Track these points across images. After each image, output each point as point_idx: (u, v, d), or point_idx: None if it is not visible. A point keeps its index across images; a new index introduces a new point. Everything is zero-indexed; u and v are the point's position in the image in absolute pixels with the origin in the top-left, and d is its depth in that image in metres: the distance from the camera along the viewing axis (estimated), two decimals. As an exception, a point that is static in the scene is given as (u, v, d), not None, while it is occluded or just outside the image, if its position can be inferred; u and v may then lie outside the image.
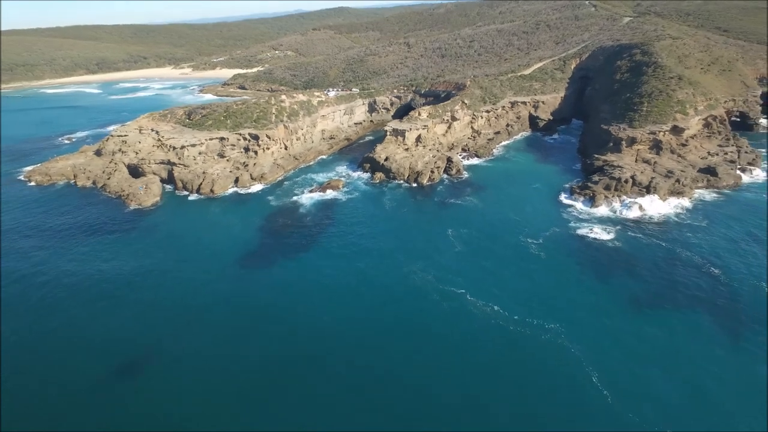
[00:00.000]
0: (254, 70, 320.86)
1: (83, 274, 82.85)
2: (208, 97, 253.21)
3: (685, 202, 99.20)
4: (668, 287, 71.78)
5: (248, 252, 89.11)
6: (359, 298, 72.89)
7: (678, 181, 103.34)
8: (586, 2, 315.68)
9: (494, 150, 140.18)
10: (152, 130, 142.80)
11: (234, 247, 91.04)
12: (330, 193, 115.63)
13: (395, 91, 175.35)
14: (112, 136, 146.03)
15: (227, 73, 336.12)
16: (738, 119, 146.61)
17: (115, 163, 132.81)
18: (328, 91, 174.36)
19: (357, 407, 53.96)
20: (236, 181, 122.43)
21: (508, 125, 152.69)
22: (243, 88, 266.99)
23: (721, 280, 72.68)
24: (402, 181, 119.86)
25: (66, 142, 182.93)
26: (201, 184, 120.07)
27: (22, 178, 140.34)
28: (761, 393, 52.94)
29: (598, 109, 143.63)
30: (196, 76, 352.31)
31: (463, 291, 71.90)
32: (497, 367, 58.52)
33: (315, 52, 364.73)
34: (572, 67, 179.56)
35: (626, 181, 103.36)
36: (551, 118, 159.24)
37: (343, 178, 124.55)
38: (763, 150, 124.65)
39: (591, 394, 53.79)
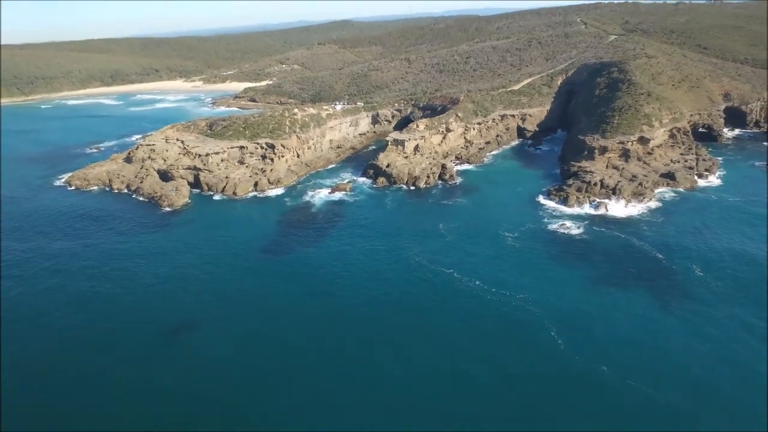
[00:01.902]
0: (263, 83, 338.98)
1: (138, 262, 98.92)
2: (222, 109, 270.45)
3: (646, 202, 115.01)
4: (619, 269, 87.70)
5: (271, 241, 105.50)
6: (366, 276, 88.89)
7: (640, 184, 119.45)
8: (578, 20, 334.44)
9: (484, 158, 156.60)
10: (177, 139, 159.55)
11: (258, 237, 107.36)
12: (338, 195, 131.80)
13: (396, 104, 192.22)
14: (141, 144, 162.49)
15: (237, 86, 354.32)
16: (706, 131, 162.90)
17: (146, 169, 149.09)
18: (335, 104, 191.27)
19: (372, 339, 72.31)
20: (255, 185, 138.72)
21: (497, 136, 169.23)
22: (254, 100, 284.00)
23: (663, 264, 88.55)
24: (402, 185, 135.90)
25: (94, 150, 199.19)
26: (225, 186, 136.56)
27: (60, 183, 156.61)
28: (678, 342, 68.49)
29: (579, 120, 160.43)
30: (208, 89, 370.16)
31: (451, 270, 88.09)
32: (478, 324, 74.68)
33: (320, 66, 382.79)
34: (559, 83, 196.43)
35: (596, 184, 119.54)
36: (537, 129, 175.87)
37: (349, 183, 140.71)
38: (721, 158, 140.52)
39: (548, 342, 69.56)
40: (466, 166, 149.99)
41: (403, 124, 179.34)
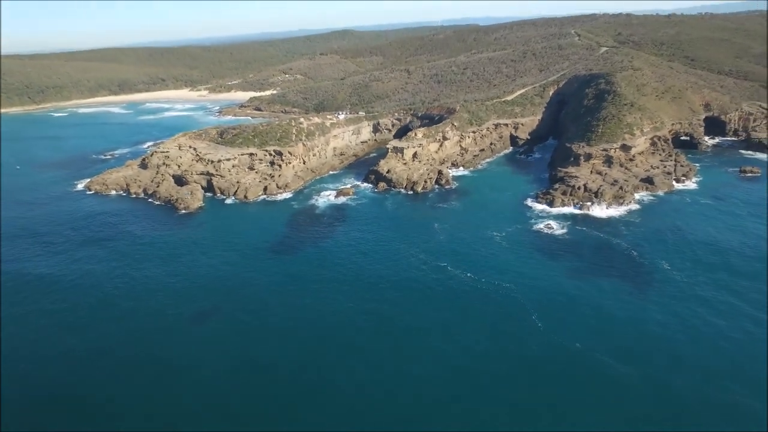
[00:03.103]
0: (267, 93, 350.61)
1: (163, 256, 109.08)
2: (229, 118, 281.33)
3: (626, 205, 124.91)
4: (595, 263, 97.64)
5: (281, 240, 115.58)
6: (368, 270, 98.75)
7: (621, 188, 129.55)
8: (572, 31, 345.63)
9: (479, 165, 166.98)
10: (190, 147, 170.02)
11: (269, 237, 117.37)
12: (342, 199, 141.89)
13: (396, 114, 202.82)
14: (155, 151, 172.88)
15: (242, 95, 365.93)
16: (687, 139, 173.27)
17: (162, 174, 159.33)
18: (339, 114, 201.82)
19: (378, 312, 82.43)
20: (265, 189, 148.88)
21: (491, 144, 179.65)
22: (259, 109, 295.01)
23: (635, 259, 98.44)
24: (401, 189, 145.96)
25: (109, 157, 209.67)
26: (236, 191, 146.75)
27: (80, 188, 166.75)
28: (645, 322, 78.30)
29: (568, 129, 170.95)
30: (213, 98, 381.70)
31: (445, 264, 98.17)
32: (469, 307, 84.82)
33: (322, 75, 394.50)
34: (550, 93, 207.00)
35: (579, 188, 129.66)
36: (529, 137, 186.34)
37: (352, 187, 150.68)
38: (699, 165, 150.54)
39: (529, 324, 79.32)
40: (461, 172, 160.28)
41: (402, 132, 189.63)
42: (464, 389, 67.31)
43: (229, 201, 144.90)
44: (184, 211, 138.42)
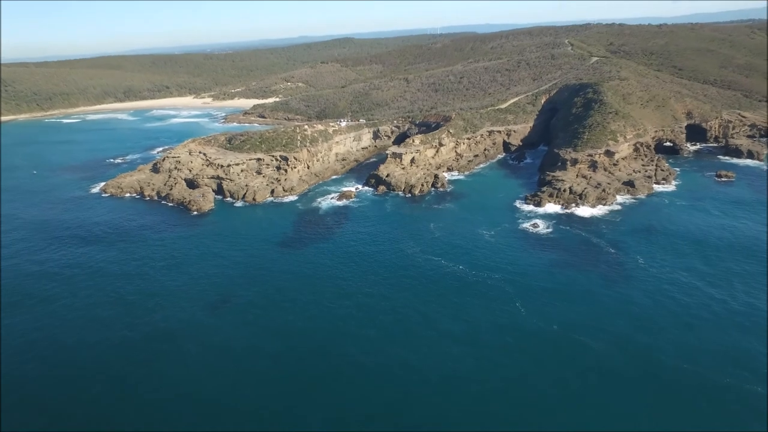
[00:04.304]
0: (270, 100, 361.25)
1: (179, 258, 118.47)
2: (234, 125, 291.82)
3: (608, 206, 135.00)
4: (575, 256, 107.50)
5: (288, 238, 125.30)
6: (369, 264, 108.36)
7: (604, 190, 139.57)
8: (566, 41, 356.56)
9: (473, 169, 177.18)
10: (200, 152, 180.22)
11: (277, 235, 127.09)
12: (344, 201, 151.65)
13: (395, 121, 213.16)
14: (167, 156, 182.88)
15: (245, 102, 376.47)
16: (670, 145, 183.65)
17: (174, 178, 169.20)
18: (340, 121, 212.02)
19: (382, 293, 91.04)
20: (272, 192, 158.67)
21: (485, 150, 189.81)
22: (262, 116, 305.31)
23: (611, 255, 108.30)
24: (399, 192, 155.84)
25: (120, 161, 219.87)
26: (245, 194, 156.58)
27: (96, 191, 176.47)
28: (617, 306, 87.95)
29: (557, 136, 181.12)
30: (217, 105, 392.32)
31: (439, 258, 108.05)
32: (461, 294, 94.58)
33: (323, 84, 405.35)
34: (542, 101, 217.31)
35: (565, 191, 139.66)
36: (521, 143, 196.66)
37: (354, 190, 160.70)
38: (679, 169, 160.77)
39: (514, 309, 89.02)
40: (456, 176, 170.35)
41: (401, 139, 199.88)
42: (460, 360, 77.05)
43: (238, 204, 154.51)
44: (196, 213, 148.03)
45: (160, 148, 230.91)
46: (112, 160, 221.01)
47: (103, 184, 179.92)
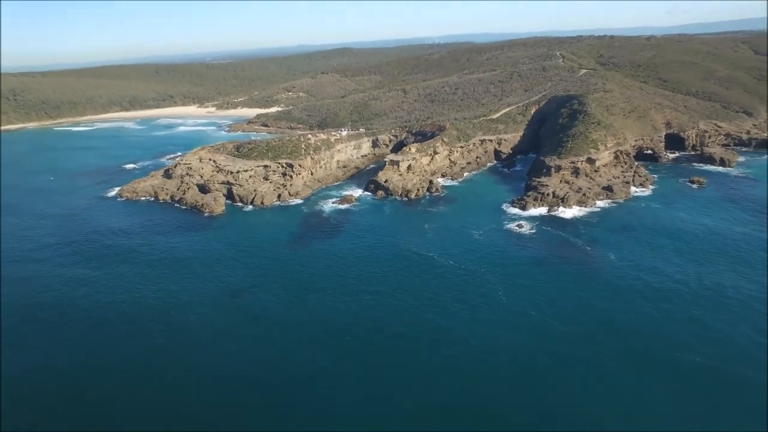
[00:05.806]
0: (273, 109, 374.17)
1: (198, 252, 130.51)
2: (239, 133, 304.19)
3: (587, 209, 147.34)
4: (554, 255, 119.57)
5: (294, 238, 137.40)
6: (369, 261, 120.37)
7: (584, 194, 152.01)
8: (558, 53, 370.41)
9: (465, 176, 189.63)
10: (210, 159, 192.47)
11: (285, 235, 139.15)
12: (345, 205, 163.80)
13: (393, 131, 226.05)
14: (179, 163, 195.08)
15: (248, 112, 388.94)
16: (651, 152, 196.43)
17: (186, 183, 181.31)
18: (341, 130, 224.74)
19: (382, 284, 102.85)
20: (279, 196, 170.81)
21: (477, 157, 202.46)
22: (266, 125, 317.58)
23: (588, 252, 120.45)
24: (397, 197, 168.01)
25: (132, 167, 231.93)
26: (254, 198, 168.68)
27: (112, 195, 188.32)
28: (588, 296, 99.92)
29: (545, 144, 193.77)
30: (221, 114, 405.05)
31: (432, 255, 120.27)
32: (452, 284, 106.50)
33: (324, 93, 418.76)
34: (532, 112, 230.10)
35: (548, 195, 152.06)
36: (511, 152, 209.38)
37: (354, 195, 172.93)
38: (656, 175, 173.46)
39: (497, 297, 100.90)
40: (450, 182, 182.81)
41: (398, 147, 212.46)
42: (449, 338, 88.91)
43: (248, 208, 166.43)
44: (208, 215, 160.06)
45: (170, 155, 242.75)
46: (124, 167, 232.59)
47: (118, 188, 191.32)
